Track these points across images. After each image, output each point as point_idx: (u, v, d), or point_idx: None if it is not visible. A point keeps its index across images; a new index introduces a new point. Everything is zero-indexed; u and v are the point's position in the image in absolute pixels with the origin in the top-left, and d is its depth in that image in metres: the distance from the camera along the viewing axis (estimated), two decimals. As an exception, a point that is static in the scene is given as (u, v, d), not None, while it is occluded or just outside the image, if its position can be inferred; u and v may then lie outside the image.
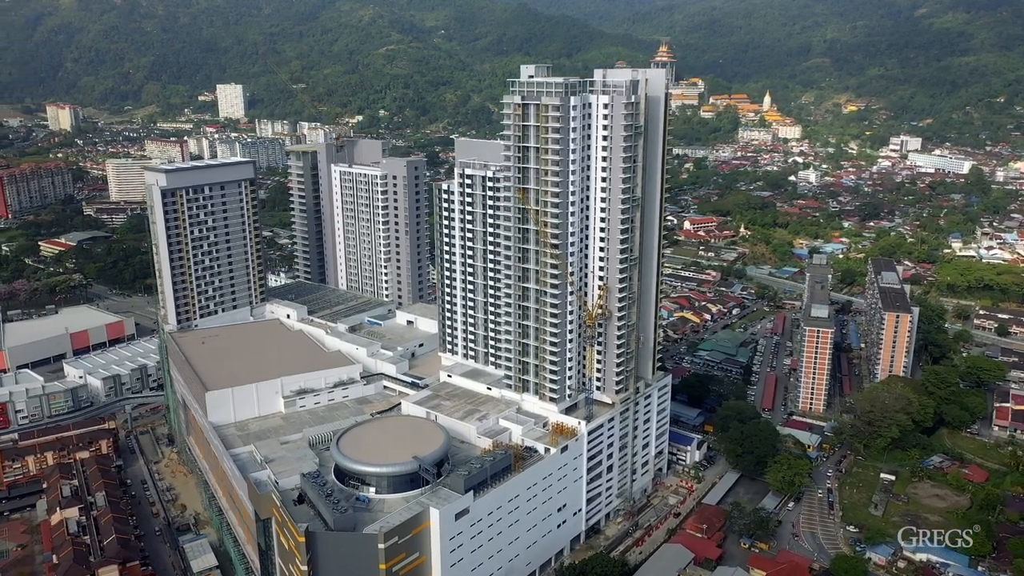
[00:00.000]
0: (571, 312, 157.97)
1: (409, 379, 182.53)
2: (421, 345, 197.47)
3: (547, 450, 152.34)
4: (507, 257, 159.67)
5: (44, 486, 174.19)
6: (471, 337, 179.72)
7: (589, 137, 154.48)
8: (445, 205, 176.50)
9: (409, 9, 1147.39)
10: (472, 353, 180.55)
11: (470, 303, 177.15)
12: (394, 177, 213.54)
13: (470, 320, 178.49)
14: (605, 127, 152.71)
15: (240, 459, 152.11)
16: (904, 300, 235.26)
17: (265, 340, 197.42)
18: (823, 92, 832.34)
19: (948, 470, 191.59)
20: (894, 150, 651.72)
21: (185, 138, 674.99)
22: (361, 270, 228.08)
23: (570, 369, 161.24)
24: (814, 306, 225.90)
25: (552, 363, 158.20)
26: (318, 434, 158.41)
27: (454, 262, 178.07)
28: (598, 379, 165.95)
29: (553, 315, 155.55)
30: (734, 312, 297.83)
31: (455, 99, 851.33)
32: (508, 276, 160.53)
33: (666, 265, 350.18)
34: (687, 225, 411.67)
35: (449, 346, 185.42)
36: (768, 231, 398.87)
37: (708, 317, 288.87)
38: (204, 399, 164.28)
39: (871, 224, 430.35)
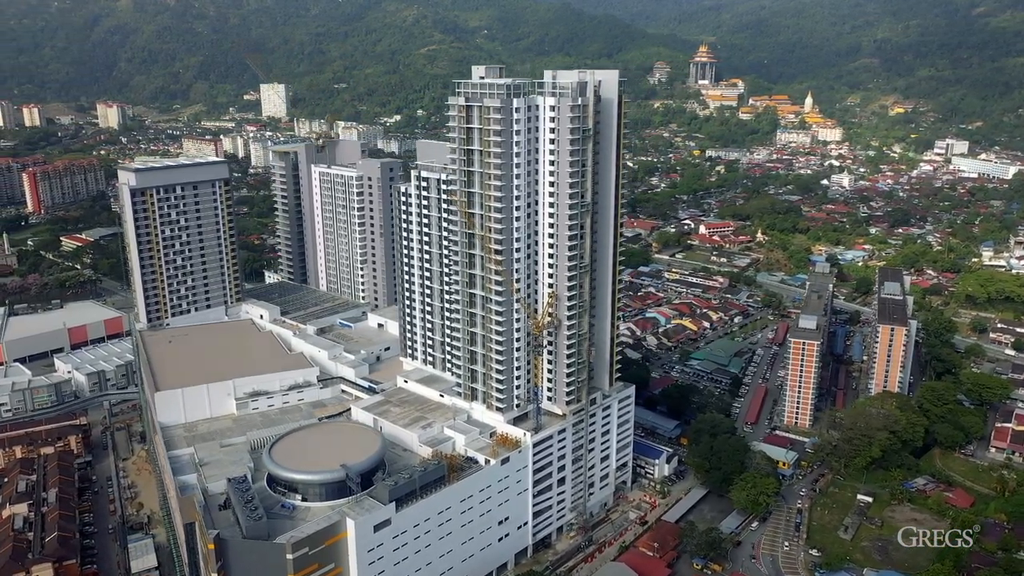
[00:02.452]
0: (518, 320, 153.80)
1: (366, 384, 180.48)
2: (387, 349, 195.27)
3: (487, 461, 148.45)
4: (455, 262, 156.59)
5: (5, 480, 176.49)
6: (429, 342, 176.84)
7: (537, 140, 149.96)
8: (403, 208, 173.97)
9: (453, 10, 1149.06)
10: (431, 359, 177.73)
11: (428, 308, 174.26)
12: (369, 179, 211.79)
13: (428, 325, 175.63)
14: (552, 130, 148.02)
15: (179, 461, 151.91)
16: (903, 312, 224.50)
17: (231, 340, 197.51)
18: (870, 94, 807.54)
19: (931, 493, 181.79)
20: (939, 154, 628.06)
21: (221, 136, 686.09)
22: (339, 271, 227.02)
23: (518, 379, 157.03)
24: (802, 317, 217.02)
25: (498, 372, 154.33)
26: (261, 437, 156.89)
27: (412, 266, 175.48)
28: (549, 389, 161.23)
29: (498, 322, 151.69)
30: (736, 320, 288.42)
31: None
32: (456, 282, 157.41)
33: (673, 270, 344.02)
34: (702, 229, 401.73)
35: (409, 351, 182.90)
36: (786, 237, 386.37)
37: (707, 325, 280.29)
38: (154, 399, 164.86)
39: (900, 231, 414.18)
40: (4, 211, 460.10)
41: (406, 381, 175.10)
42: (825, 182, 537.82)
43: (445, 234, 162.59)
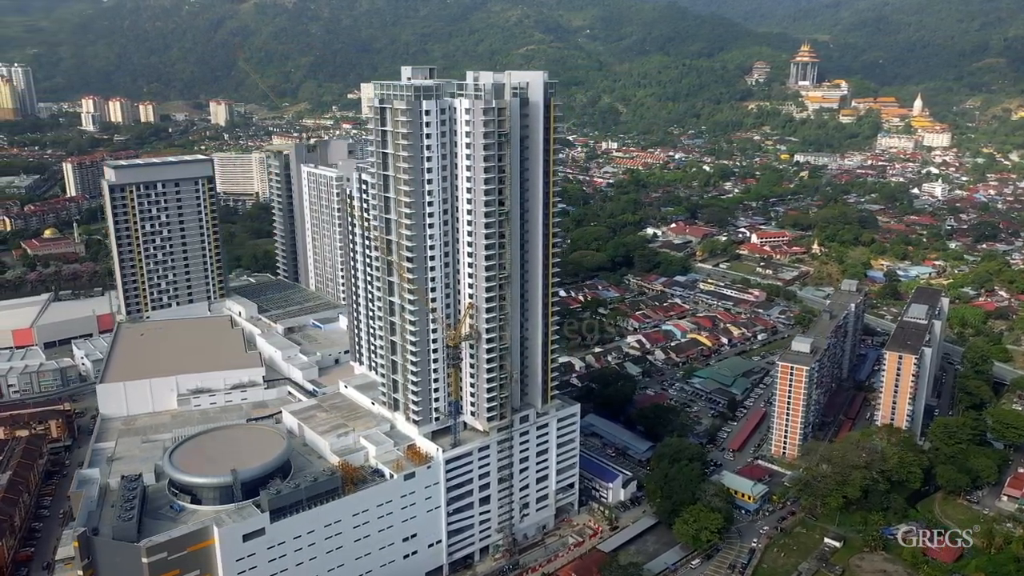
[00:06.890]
0: (435, 330, 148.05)
1: (310, 387, 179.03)
2: (347, 352, 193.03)
3: (392, 475, 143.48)
4: (377, 269, 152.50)
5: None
6: (373, 348, 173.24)
7: (455, 144, 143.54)
8: (349, 210, 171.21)
9: (558, 9, 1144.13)
10: (374, 365, 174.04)
11: (371, 312, 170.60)
12: (348, 179, 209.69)
13: (371, 330, 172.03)
14: (468, 134, 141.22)
15: (100, 454, 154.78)
16: (919, 338, 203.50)
17: (199, 336, 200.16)
18: (993, 96, 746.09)
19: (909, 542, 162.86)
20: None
21: (307, 133, 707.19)
22: (325, 271, 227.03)
23: (437, 391, 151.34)
24: (796, 339, 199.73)
25: (414, 383, 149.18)
26: (184, 435, 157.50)
27: (357, 268, 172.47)
28: (472, 404, 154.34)
29: (412, 332, 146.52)
30: (759, 337, 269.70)
31: (584, 99, 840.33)
32: (379, 289, 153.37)
33: (710, 280, 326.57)
34: (754, 239, 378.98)
35: (358, 356, 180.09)
36: (846, 249, 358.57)
37: (725, 341, 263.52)
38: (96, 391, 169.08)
39: (983, 246, 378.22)
40: (93, 202, 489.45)
41: (346, 386, 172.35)
42: (915, 191, 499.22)
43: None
